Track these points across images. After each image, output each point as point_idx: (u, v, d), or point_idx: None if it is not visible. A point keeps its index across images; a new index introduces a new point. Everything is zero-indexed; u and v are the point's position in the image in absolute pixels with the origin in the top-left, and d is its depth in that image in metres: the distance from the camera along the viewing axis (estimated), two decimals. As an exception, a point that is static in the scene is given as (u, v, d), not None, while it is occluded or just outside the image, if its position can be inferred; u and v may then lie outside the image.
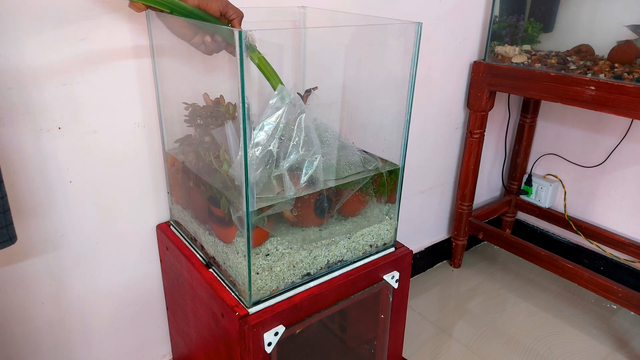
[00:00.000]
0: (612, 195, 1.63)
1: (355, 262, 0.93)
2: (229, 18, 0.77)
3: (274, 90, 0.78)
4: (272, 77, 0.79)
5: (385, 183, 0.92)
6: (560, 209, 1.76)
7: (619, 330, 1.50)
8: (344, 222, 0.91)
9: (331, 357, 1.20)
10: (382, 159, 0.94)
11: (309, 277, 0.87)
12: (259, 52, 0.77)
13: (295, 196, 0.79)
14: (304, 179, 0.79)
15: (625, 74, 1.20)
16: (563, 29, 1.41)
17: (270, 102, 0.77)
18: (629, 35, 1.25)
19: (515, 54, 1.42)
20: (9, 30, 0.76)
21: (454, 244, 1.75)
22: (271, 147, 0.77)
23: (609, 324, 1.52)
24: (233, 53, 0.78)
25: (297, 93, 0.84)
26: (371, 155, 0.93)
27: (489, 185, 1.86)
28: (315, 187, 0.81)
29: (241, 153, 0.70)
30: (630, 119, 1.50)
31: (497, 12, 1.42)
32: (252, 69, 0.82)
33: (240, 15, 0.78)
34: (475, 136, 1.55)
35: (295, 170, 0.80)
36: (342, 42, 0.97)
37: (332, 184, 0.84)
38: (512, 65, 1.40)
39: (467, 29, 1.46)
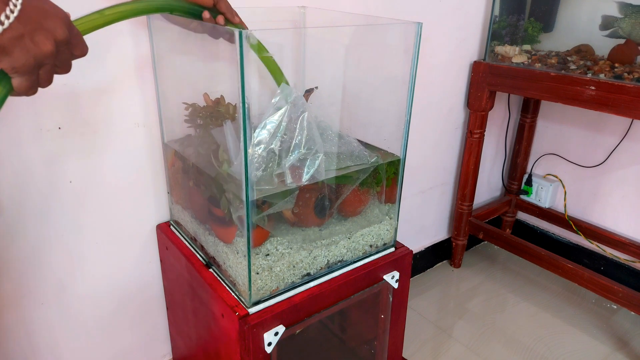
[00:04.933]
0: (612, 195, 1.63)
1: (355, 262, 0.93)
2: (220, 11, 0.77)
3: (278, 85, 0.79)
4: (277, 74, 0.79)
5: (385, 170, 0.91)
6: (561, 209, 1.76)
7: (619, 330, 1.50)
8: (344, 222, 0.91)
9: (331, 357, 1.20)
10: (381, 151, 0.94)
11: (309, 277, 0.87)
12: (266, 50, 0.77)
13: (295, 186, 0.79)
14: (305, 177, 0.79)
15: (625, 74, 1.20)
16: (563, 29, 1.41)
17: (272, 100, 0.77)
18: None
19: (515, 54, 1.42)
20: (9, 30, 0.76)
21: (454, 244, 1.75)
22: (273, 146, 0.77)
23: (609, 324, 1.52)
24: (230, 40, 0.78)
25: (297, 93, 0.84)
26: (372, 150, 0.93)
27: (489, 185, 1.86)
28: (316, 180, 0.81)
29: (242, 153, 0.70)
30: (630, 119, 1.50)
31: (497, 12, 1.42)
32: (253, 69, 0.83)
33: (231, 11, 0.78)
34: (475, 136, 1.55)
35: (297, 169, 0.80)
36: (342, 42, 0.97)
37: (333, 174, 0.84)
38: (512, 65, 1.40)
39: (467, 29, 1.46)
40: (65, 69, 0.52)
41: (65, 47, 0.50)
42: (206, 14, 0.75)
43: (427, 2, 1.32)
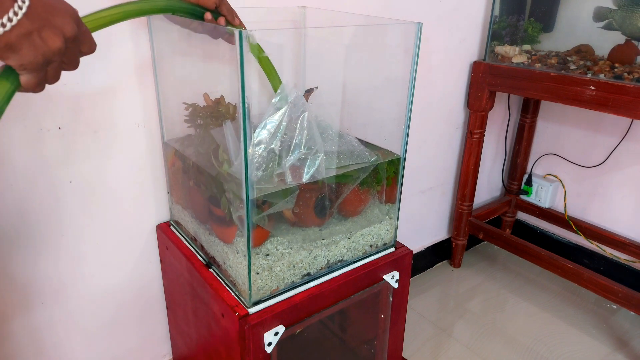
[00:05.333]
0: (612, 195, 1.63)
1: (355, 262, 0.93)
2: (222, 13, 0.78)
3: (274, 90, 0.79)
4: (273, 77, 0.80)
5: (385, 169, 0.91)
6: (560, 209, 1.76)
7: (619, 330, 1.50)
8: (344, 222, 0.91)
9: (331, 357, 1.20)
10: (382, 150, 0.94)
11: (309, 277, 0.87)
12: (263, 51, 0.78)
13: (295, 185, 0.79)
14: (306, 177, 0.80)
15: (625, 74, 1.20)
16: (563, 29, 1.41)
17: (273, 100, 0.77)
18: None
19: (515, 54, 1.42)
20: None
21: (454, 244, 1.75)
22: (273, 146, 0.77)
23: (609, 324, 1.52)
24: (229, 40, 0.79)
25: (298, 93, 0.84)
26: (372, 149, 0.93)
27: (489, 185, 1.86)
28: (317, 179, 0.81)
29: (242, 153, 0.70)
30: (630, 119, 1.50)
31: (497, 12, 1.42)
32: (253, 70, 0.83)
33: (232, 14, 0.79)
34: (475, 136, 1.55)
35: (297, 168, 0.80)
36: (342, 42, 0.97)
37: (333, 172, 0.84)
38: (512, 65, 1.40)
39: (467, 29, 1.46)
40: (73, 65, 0.52)
41: (73, 43, 0.49)
42: (208, 16, 0.76)
43: (427, 2, 1.32)
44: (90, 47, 0.52)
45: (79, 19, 0.50)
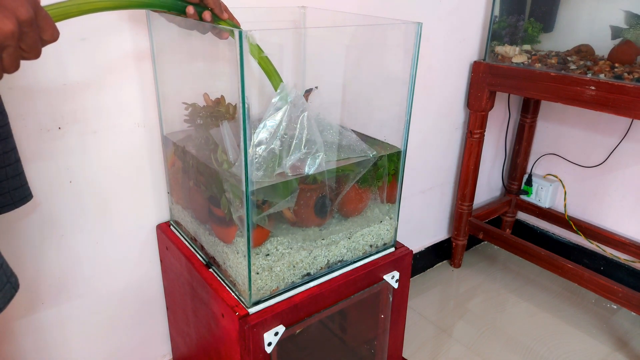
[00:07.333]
0: (612, 195, 1.63)
1: (355, 262, 0.93)
2: (208, 6, 0.73)
3: (275, 90, 0.78)
4: (273, 76, 0.79)
5: (385, 166, 0.91)
6: (560, 209, 1.76)
7: (619, 330, 1.50)
8: (344, 222, 0.91)
9: (331, 357, 1.20)
10: (383, 145, 0.93)
11: (309, 277, 0.87)
12: (262, 51, 0.77)
13: (296, 179, 0.79)
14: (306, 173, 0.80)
15: (625, 74, 1.20)
16: (563, 29, 1.41)
17: (272, 100, 0.77)
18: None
19: (515, 54, 1.42)
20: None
21: (454, 244, 1.75)
22: (273, 146, 0.77)
23: (609, 324, 1.52)
24: (219, 36, 0.75)
25: (298, 93, 0.84)
26: (373, 143, 0.92)
27: (489, 185, 1.86)
28: (318, 172, 0.81)
29: (242, 153, 0.70)
30: (630, 119, 1.50)
31: (497, 12, 1.42)
32: (253, 69, 0.83)
33: (219, 6, 0.74)
34: (475, 136, 1.55)
35: (297, 168, 0.80)
36: (342, 42, 0.97)
37: (333, 165, 0.84)
38: (512, 65, 1.40)
39: (467, 29, 1.46)
40: (34, 54, 0.48)
41: (30, 29, 0.46)
42: (190, 9, 0.70)
43: (427, 2, 1.32)
44: (52, 35, 0.49)
45: (37, 3, 0.47)
